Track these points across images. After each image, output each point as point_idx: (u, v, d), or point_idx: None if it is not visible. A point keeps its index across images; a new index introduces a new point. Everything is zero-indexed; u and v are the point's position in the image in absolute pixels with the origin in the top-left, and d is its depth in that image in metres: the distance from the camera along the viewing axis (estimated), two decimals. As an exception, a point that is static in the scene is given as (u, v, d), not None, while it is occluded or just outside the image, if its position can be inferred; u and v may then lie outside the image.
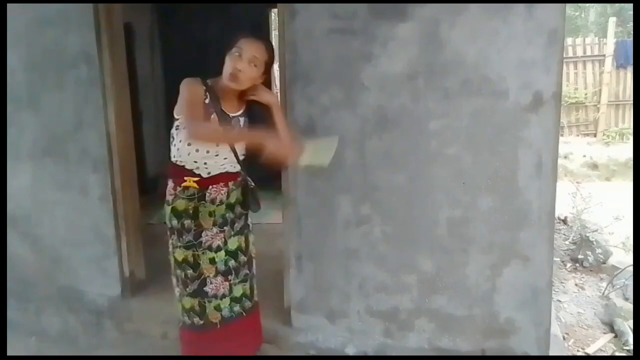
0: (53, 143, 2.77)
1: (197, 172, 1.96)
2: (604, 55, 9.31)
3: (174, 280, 2.07)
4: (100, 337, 2.78)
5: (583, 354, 2.83)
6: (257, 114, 2.03)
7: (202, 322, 2.04)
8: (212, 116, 1.91)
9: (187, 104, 1.86)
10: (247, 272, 2.14)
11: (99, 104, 2.62)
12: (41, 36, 2.67)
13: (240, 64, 1.85)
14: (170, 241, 2.03)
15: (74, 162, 2.73)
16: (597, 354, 2.83)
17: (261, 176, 2.31)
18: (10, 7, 2.69)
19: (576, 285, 3.70)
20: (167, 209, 2.02)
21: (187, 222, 1.98)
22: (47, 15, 2.64)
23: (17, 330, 2.90)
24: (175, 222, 2.00)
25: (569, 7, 12.67)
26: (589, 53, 9.52)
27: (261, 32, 5.05)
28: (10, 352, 2.70)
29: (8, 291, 2.97)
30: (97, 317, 2.80)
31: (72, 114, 2.69)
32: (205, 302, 2.03)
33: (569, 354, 2.81)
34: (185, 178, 1.96)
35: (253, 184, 2.12)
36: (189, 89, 1.88)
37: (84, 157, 2.71)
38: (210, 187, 1.99)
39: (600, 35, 10.61)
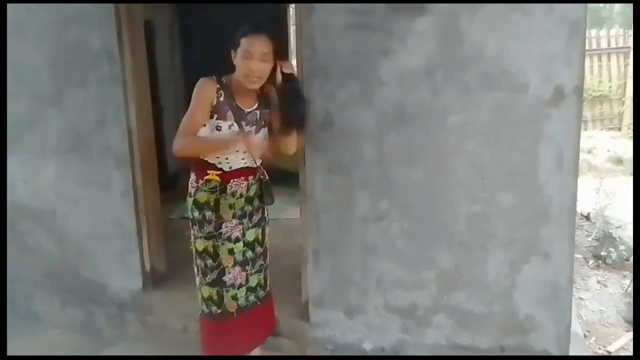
0: (77, 140, 2.82)
1: (219, 166, 2.02)
2: (629, 48, 9.07)
3: (195, 269, 2.14)
4: (123, 330, 2.84)
5: (605, 353, 2.78)
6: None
7: (219, 310, 2.11)
8: (228, 113, 1.97)
9: (189, 112, 1.96)
10: (263, 262, 2.21)
11: (121, 101, 2.66)
12: (64, 35, 2.73)
13: (254, 64, 1.91)
14: (191, 232, 2.11)
15: (97, 159, 2.79)
16: (619, 353, 2.78)
17: (279, 172, 2.33)
18: (32, 6, 2.76)
19: (598, 282, 3.64)
20: (190, 201, 2.09)
21: (208, 214, 2.05)
22: (69, 15, 2.69)
23: (43, 322, 2.99)
24: (196, 213, 2.07)
25: (593, -2, 12.33)
26: (613, 45, 9.29)
27: (279, 27, 5.07)
28: (36, 343, 2.79)
29: (35, 284, 3.06)
30: (120, 310, 2.86)
31: (95, 111, 2.74)
32: (223, 292, 2.09)
33: (590, 352, 2.77)
34: (208, 171, 2.03)
35: (267, 177, 2.15)
36: (199, 92, 1.97)
37: (106, 154, 2.76)
38: (232, 180, 2.04)
39: (625, 26, 10.32)
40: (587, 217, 4.85)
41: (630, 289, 3.39)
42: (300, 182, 2.37)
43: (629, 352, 2.76)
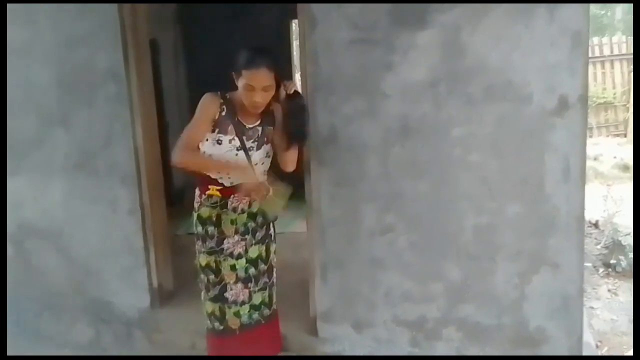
0: (84, 158, 2.84)
1: (220, 181, 2.04)
2: (632, 54, 9.07)
3: (200, 284, 2.16)
4: (131, 348, 2.83)
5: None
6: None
7: (222, 327, 2.12)
8: (229, 127, 1.99)
9: (191, 125, 2.00)
10: (267, 280, 2.19)
11: (127, 120, 2.68)
12: (71, 56, 2.76)
13: (257, 96, 1.93)
14: (196, 246, 2.13)
15: (104, 177, 2.80)
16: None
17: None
18: (40, 26, 2.80)
19: (609, 291, 3.60)
20: (194, 216, 2.12)
21: (211, 229, 2.07)
22: (76, 35, 2.73)
23: (51, 341, 2.98)
24: (200, 228, 2.09)
25: (594, 6, 12.39)
26: (616, 52, 9.31)
27: (281, 43, 5.10)
28: (45, 362, 2.77)
29: (43, 303, 3.06)
30: (128, 328, 2.86)
31: (101, 130, 2.76)
32: (225, 308, 2.10)
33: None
34: (210, 186, 2.05)
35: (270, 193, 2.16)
36: (202, 107, 2.00)
37: (113, 172, 2.78)
38: (232, 195, 2.05)
39: (628, 33, 10.34)
40: (596, 225, 4.81)
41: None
42: (307, 196, 2.38)
43: None
